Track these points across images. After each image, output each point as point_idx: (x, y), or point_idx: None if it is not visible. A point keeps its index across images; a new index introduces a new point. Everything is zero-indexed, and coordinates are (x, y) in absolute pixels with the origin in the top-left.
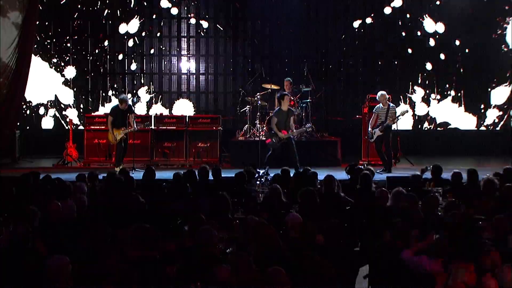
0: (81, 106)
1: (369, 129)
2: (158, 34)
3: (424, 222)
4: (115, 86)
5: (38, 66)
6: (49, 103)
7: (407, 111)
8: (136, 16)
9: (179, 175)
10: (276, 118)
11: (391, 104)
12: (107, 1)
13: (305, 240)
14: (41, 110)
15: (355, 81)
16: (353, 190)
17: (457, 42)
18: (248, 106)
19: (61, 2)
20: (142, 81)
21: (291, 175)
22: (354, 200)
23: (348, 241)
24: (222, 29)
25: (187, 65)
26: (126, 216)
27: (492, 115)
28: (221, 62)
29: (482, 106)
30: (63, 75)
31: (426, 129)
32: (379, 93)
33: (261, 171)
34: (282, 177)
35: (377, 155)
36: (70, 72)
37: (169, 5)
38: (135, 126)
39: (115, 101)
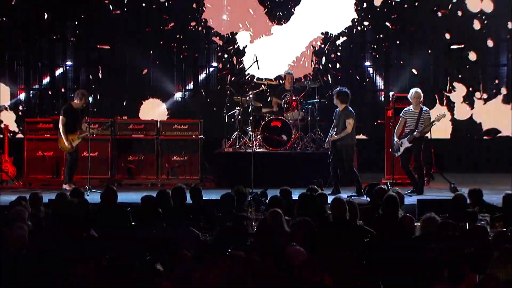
0: (20, 107)
1: (395, 139)
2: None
3: (465, 259)
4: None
5: None
6: None
7: (444, 115)
8: None
9: (148, 198)
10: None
11: (424, 108)
12: None
13: (310, 280)
14: None
15: (376, 75)
16: (373, 217)
17: (510, 25)
18: (237, 109)
19: None
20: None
21: (295, 197)
22: (374, 230)
23: (366, 283)
24: None
25: None
26: (79, 251)
27: None
28: (203, 49)
29: None
30: None
31: (468, 137)
32: (413, 91)
33: (256, 192)
34: (281, 200)
35: (404, 172)
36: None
37: None
38: (90, 131)
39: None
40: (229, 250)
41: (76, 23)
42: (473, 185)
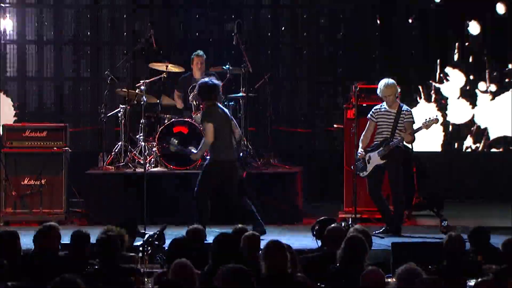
0: None
1: (359, 150)
2: None
3: None
4: None
5: None
6: None
7: (436, 120)
8: None
9: None
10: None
11: (404, 106)
12: None
13: None
14: None
15: (331, 59)
16: (325, 270)
17: None
18: (122, 107)
19: None
20: None
21: (209, 239)
22: None
23: None
24: None
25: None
26: None
27: None
28: (69, 18)
29: None
30: None
31: (468, 150)
32: (383, 82)
33: (149, 233)
34: (190, 245)
35: (372, 203)
36: None
37: None
38: None
39: None
40: None
41: None
42: (476, 222)
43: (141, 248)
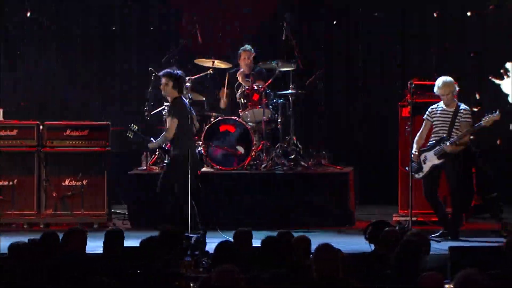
0: None
1: (414, 150)
2: None
3: None
4: None
5: None
6: None
7: (497, 115)
8: None
9: (23, 246)
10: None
11: (462, 105)
12: None
13: None
14: None
15: (384, 55)
16: (379, 275)
17: None
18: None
19: None
20: None
21: (256, 243)
22: None
23: None
24: None
25: None
26: None
27: None
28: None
29: None
30: None
31: None
32: (440, 80)
33: (195, 236)
34: (236, 249)
35: (429, 205)
36: None
37: None
38: None
39: None
40: None
41: None
42: None
43: (189, 252)
